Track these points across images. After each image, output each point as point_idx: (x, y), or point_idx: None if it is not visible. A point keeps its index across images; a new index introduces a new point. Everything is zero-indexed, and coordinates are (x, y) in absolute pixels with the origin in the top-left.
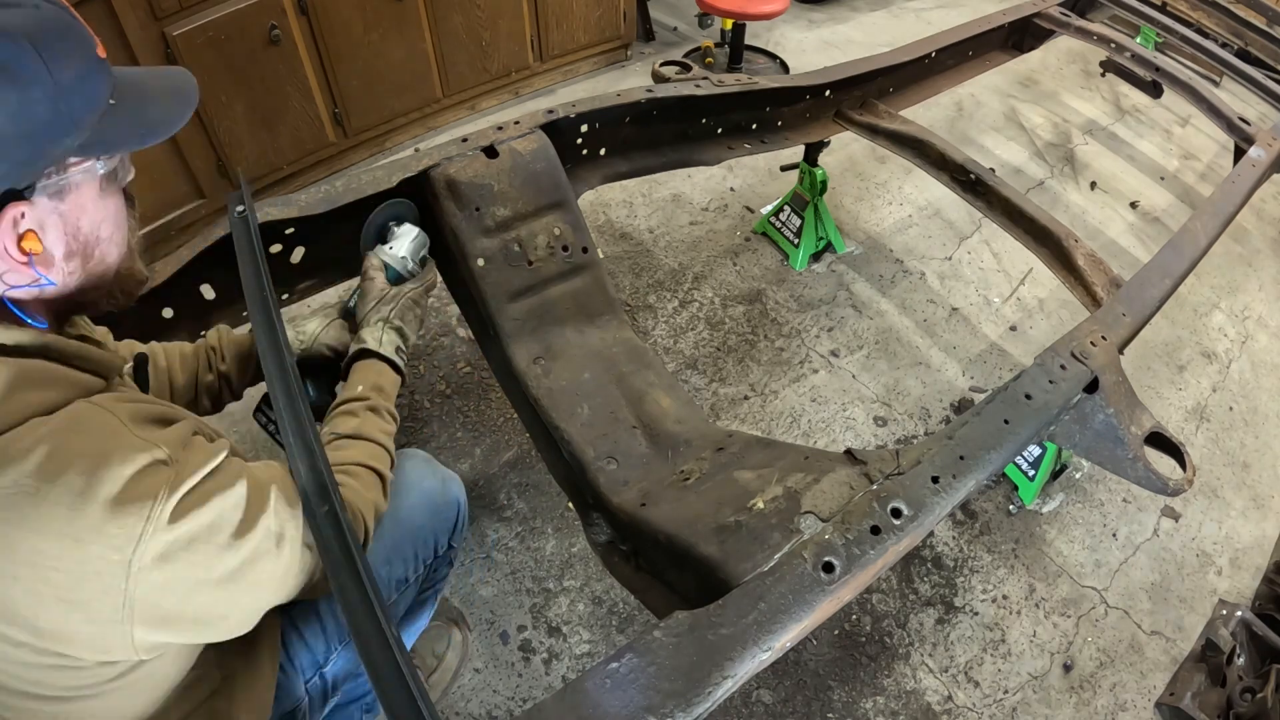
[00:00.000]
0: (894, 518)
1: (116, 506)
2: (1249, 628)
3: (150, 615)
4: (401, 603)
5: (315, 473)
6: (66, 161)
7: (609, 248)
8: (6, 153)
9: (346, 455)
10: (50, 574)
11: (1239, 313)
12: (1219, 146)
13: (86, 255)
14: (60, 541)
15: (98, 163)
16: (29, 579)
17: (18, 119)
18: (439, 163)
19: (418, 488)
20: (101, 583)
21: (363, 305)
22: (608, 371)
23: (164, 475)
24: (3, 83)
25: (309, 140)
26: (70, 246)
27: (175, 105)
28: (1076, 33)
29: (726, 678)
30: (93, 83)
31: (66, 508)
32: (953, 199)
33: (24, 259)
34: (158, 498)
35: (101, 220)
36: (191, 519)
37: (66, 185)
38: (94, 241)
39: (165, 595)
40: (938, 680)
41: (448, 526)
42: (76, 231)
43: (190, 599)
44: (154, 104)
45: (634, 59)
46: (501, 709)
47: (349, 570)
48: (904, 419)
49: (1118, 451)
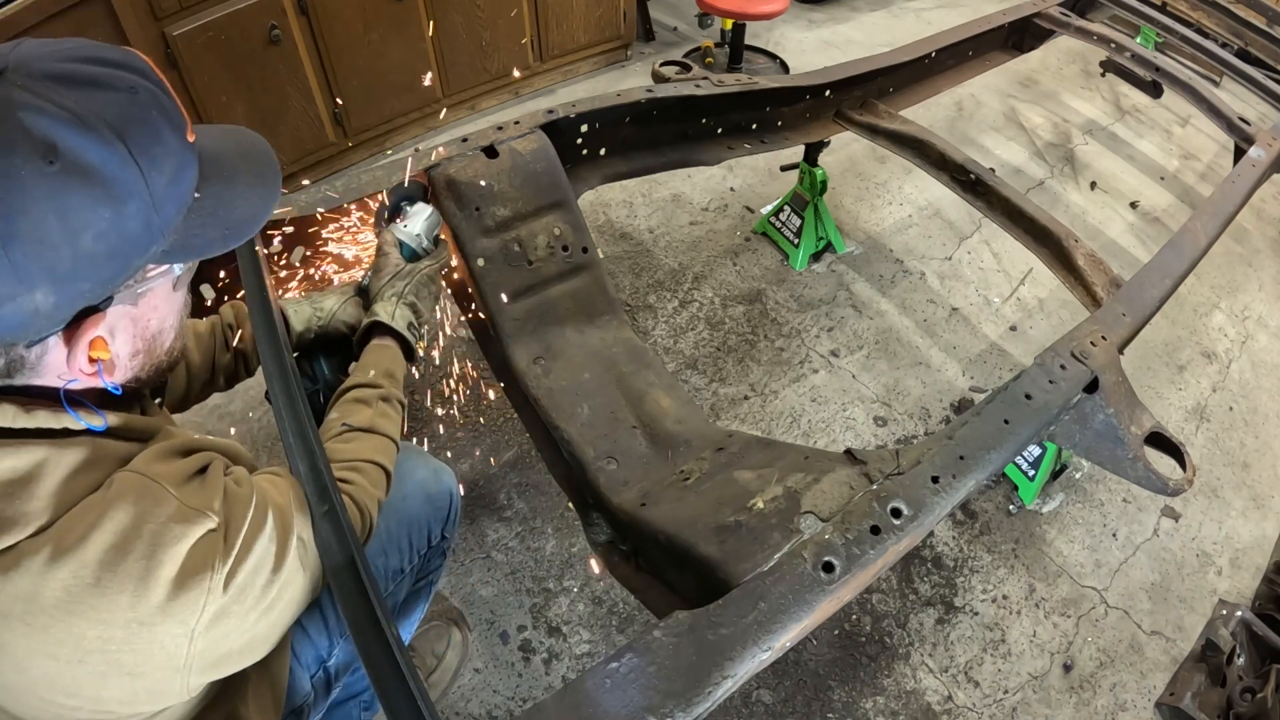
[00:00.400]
0: (894, 518)
1: (177, 587)
2: (1249, 628)
3: (205, 663)
4: (397, 594)
5: (315, 472)
6: (146, 269)
7: (609, 248)
8: (93, 272)
9: (358, 450)
10: (117, 656)
11: (1239, 313)
12: (1219, 146)
13: (151, 350)
14: (127, 628)
15: (176, 265)
16: (96, 662)
17: (108, 237)
18: (439, 163)
19: (411, 478)
20: (166, 654)
21: (376, 280)
22: (608, 371)
23: (215, 544)
24: (98, 199)
25: (309, 140)
26: (137, 346)
27: (256, 191)
28: (1076, 33)
29: (726, 678)
30: (184, 181)
31: (130, 594)
32: (953, 199)
33: (92, 370)
34: (214, 568)
35: (168, 313)
36: (240, 575)
37: (143, 292)
38: (160, 333)
39: (219, 644)
40: (938, 680)
41: (441, 516)
42: (145, 331)
43: (239, 637)
44: (235, 190)
45: (634, 59)
46: (501, 709)
47: (349, 571)
48: (904, 419)
49: (1118, 451)
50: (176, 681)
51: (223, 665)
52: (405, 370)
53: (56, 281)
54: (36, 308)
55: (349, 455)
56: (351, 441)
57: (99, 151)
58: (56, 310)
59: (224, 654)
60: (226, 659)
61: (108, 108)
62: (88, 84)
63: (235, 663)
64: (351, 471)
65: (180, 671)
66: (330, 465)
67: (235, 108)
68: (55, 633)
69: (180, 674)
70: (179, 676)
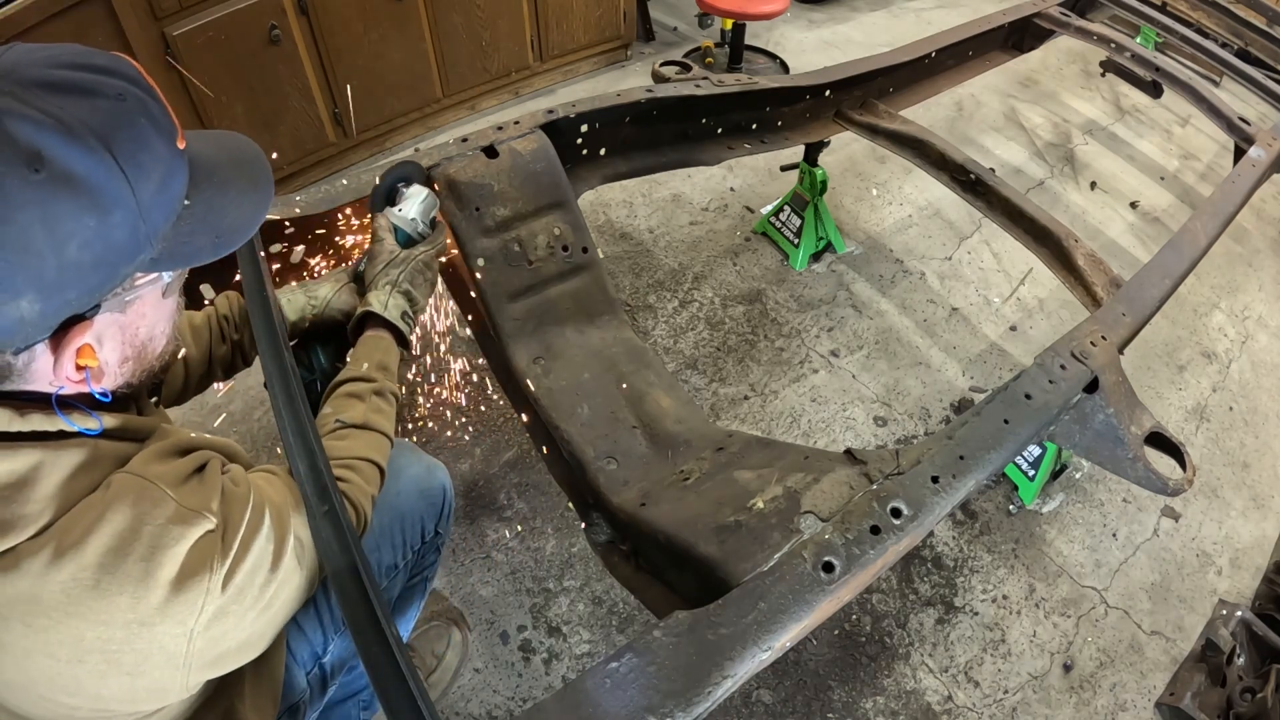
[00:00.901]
0: (894, 517)
1: (176, 588)
2: (1249, 628)
3: (204, 661)
4: (391, 589)
5: (315, 472)
6: (135, 277)
7: (609, 248)
8: (79, 280)
9: (352, 448)
10: (117, 656)
11: (1239, 313)
12: (1219, 146)
13: (141, 357)
14: (127, 629)
15: (165, 273)
16: (96, 662)
17: (93, 245)
18: (439, 163)
19: (405, 473)
20: (166, 654)
21: (371, 268)
22: (608, 371)
23: (214, 544)
24: (83, 208)
25: (309, 140)
26: (125, 353)
27: (249, 197)
28: (1076, 33)
29: (726, 677)
30: (172, 189)
31: (129, 596)
32: (953, 199)
33: (79, 377)
34: (212, 568)
35: (157, 320)
36: (238, 575)
37: (131, 299)
38: (149, 340)
39: (218, 642)
40: (938, 680)
41: (435, 512)
42: (134, 338)
43: (237, 635)
44: (227, 197)
45: (634, 59)
46: (501, 709)
47: (349, 571)
48: (904, 419)
49: (1118, 451)
50: (176, 680)
51: (221, 663)
52: (399, 359)
53: (42, 290)
54: (22, 316)
55: (344, 453)
56: (346, 439)
57: (85, 160)
58: (42, 318)
59: (222, 652)
60: (225, 657)
61: (94, 115)
62: (75, 90)
63: (233, 660)
64: (346, 470)
65: (180, 670)
66: (330, 465)
67: (235, 108)
68: (55, 634)
69: (180, 672)
70: (178, 675)
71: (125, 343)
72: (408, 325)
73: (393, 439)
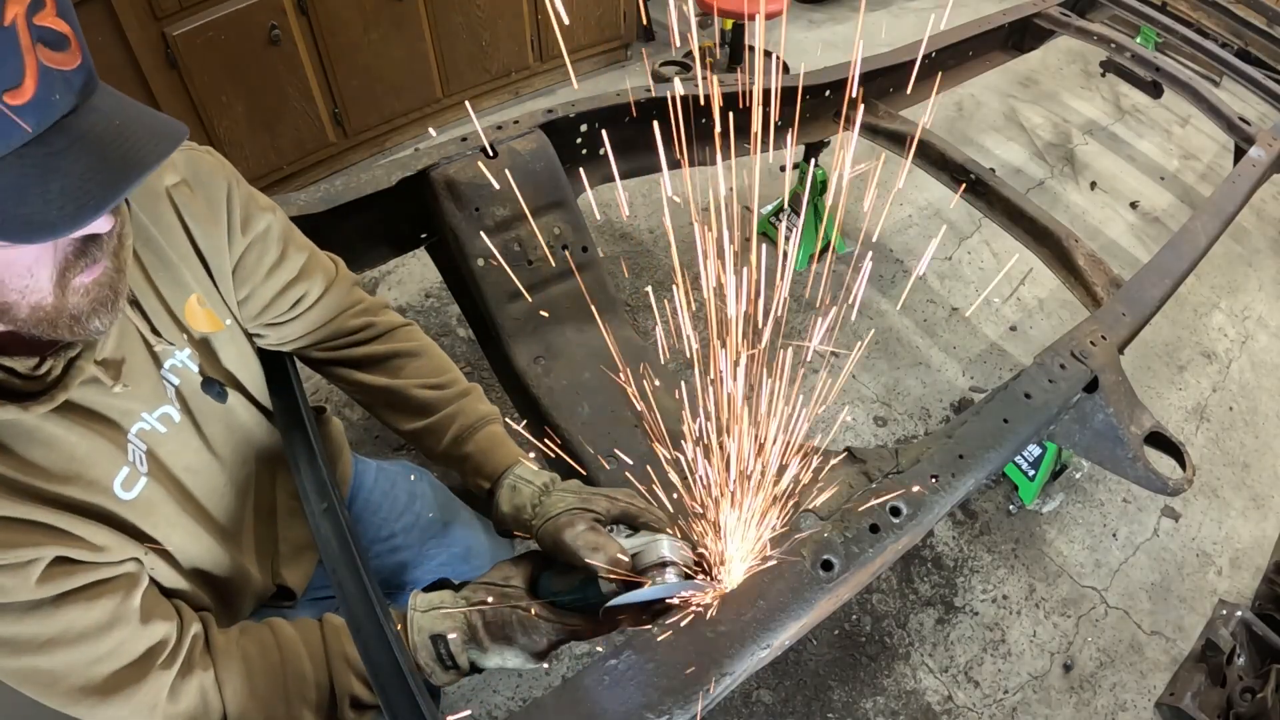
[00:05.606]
0: (893, 516)
1: None
2: (1249, 628)
3: None
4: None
5: (315, 471)
6: None
7: (609, 248)
8: None
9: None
10: None
11: (1239, 313)
12: (1219, 146)
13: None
14: None
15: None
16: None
17: None
18: (439, 163)
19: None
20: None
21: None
22: (608, 370)
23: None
24: None
25: (309, 140)
26: None
27: (97, 174)
28: (1076, 33)
29: (725, 675)
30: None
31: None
32: (953, 199)
33: None
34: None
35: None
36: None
37: None
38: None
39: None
40: (938, 680)
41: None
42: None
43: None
44: (48, 184)
45: (634, 59)
46: (501, 709)
47: (350, 572)
48: (904, 419)
49: (1117, 451)
50: None
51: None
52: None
53: None
54: None
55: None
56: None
57: None
58: None
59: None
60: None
61: None
62: None
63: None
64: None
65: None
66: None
67: (235, 108)
68: None
69: None
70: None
71: None
72: (439, 663)
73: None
